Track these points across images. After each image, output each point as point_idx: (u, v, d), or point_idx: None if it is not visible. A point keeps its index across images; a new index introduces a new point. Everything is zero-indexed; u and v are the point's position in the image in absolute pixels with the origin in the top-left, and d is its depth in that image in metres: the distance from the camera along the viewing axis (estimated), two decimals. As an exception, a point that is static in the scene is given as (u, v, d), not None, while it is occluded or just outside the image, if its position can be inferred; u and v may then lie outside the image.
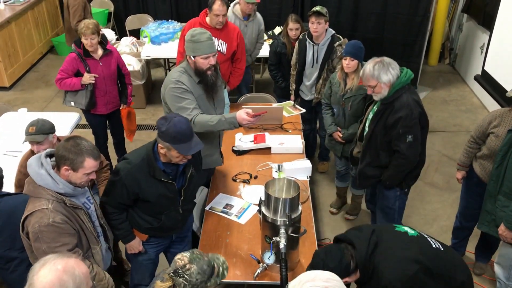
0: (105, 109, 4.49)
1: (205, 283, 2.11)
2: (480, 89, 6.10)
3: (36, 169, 2.37)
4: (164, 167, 2.73)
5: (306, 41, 4.37)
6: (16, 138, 4.18)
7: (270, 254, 2.77)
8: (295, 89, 4.70)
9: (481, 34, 6.43)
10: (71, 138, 2.43)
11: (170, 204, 2.84)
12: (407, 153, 3.19)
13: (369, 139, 3.34)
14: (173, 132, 2.56)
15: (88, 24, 4.09)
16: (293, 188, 2.83)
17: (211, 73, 3.16)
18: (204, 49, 3.08)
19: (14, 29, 6.85)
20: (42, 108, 6.23)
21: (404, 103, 3.11)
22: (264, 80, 7.02)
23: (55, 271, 1.65)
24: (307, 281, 1.43)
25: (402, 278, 2.16)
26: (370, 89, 3.19)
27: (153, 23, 6.69)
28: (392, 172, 3.33)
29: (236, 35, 4.55)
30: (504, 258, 3.15)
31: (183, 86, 3.13)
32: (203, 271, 2.10)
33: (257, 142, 4.04)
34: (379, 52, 6.43)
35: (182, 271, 2.08)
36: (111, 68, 4.37)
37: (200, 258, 2.13)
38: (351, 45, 3.74)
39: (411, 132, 3.13)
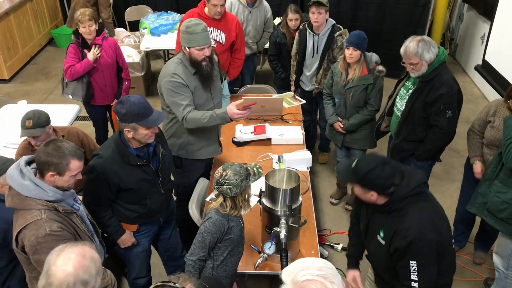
0: (106, 100, 4.48)
1: (246, 181, 2.48)
2: (481, 79, 6.09)
3: (19, 181, 2.25)
4: (136, 152, 2.76)
5: (306, 31, 4.36)
6: (16, 130, 4.16)
7: (271, 244, 2.78)
8: (295, 80, 4.68)
9: (481, 24, 6.40)
10: (50, 142, 2.34)
11: (151, 186, 2.86)
12: (446, 127, 3.36)
13: (407, 115, 3.46)
14: (135, 110, 2.59)
15: (85, 11, 4.07)
16: (293, 178, 2.84)
17: (206, 64, 3.19)
18: (199, 41, 3.10)
19: (13, 21, 6.81)
20: (42, 100, 6.22)
21: (444, 80, 3.26)
22: (264, 71, 7.00)
23: (74, 259, 1.62)
24: (302, 269, 1.41)
25: (420, 236, 2.17)
26: (410, 67, 3.29)
27: (152, 15, 6.65)
28: (430, 146, 3.47)
29: (235, 25, 4.52)
30: (503, 248, 3.16)
31: (178, 79, 3.15)
32: (238, 171, 2.45)
33: (257, 133, 4.04)
34: (379, 42, 6.49)
35: (222, 179, 2.44)
36: (108, 58, 4.33)
37: (232, 164, 2.51)
38: (355, 35, 3.72)
39: (451, 108, 3.29)
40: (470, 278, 3.71)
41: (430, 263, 2.23)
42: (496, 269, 3.26)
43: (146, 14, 6.87)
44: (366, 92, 3.83)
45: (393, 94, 3.71)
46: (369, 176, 2.22)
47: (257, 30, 5.08)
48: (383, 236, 2.34)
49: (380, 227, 2.36)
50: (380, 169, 2.21)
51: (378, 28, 6.55)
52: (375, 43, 6.48)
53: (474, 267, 3.80)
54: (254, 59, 5.37)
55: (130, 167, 2.73)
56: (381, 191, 2.25)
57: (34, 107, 4.59)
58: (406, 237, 2.19)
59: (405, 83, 3.57)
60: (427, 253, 2.20)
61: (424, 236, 2.18)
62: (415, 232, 2.18)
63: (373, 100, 3.86)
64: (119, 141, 2.72)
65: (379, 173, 2.21)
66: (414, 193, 2.25)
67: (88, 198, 2.79)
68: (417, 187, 2.26)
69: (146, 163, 2.79)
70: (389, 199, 2.26)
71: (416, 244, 2.18)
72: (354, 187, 2.37)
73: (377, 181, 2.21)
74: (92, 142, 3.52)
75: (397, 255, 2.26)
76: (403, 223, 2.22)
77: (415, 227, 2.19)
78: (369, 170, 2.21)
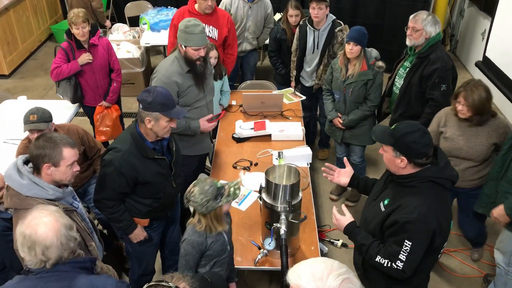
0: (98, 100, 4.44)
1: (214, 201, 2.38)
2: (481, 75, 6.05)
3: (18, 180, 2.24)
4: (153, 146, 2.78)
5: (307, 27, 4.35)
6: (16, 126, 4.17)
7: (271, 240, 2.78)
8: (296, 76, 4.67)
9: (482, 20, 6.38)
10: (40, 136, 2.34)
11: (165, 180, 2.88)
12: (441, 100, 3.52)
13: (404, 90, 3.68)
14: (162, 99, 2.63)
15: (78, 13, 3.99)
16: (293, 174, 2.83)
17: (200, 64, 3.26)
18: (196, 41, 3.16)
19: (13, 16, 6.80)
20: (41, 96, 6.21)
21: (439, 56, 3.51)
22: (264, 67, 6.99)
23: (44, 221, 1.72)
24: (329, 273, 1.35)
25: (424, 218, 2.18)
26: (411, 31, 3.54)
27: (152, 10, 6.64)
28: (425, 120, 3.56)
29: (227, 21, 4.52)
30: (504, 244, 3.16)
31: (169, 80, 3.21)
32: (205, 191, 2.36)
33: (257, 129, 4.03)
34: (379, 38, 6.48)
35: (188, 194, 2.40)
36: (101, 59, 4.26)
37: (204, 181, 2.42)
38: (356, 30, 3.72)
39: (445, 82, 3.51)
40: (469, 274, 3.72)
41: (421, 248, 2.23)
42: (497, 265, 3.26)
43: (146, 10, 6.86)
44: (365, 88, 3.83)
45: (392, 75, 3.89)
46: (407, 139, 2.21)
47: (257, 25, 5.06)
48: (386, 204, 2.35)
49: (388, 196, 2.37)
50: (420, 135, 2.21)
51: (378, 24, 6.53)
52: (375, 39, 6.47)
53: (473, 264, 3.81)
54: (254, 55, 5.36)
55: (147, 161, 2.74)
56: (412, 158, 2.23)
57: (34, 102, 4.61)
58: (411, 213, 2.19)
59: (403, 63, 3.77)
60: (423, 237, 2.21)
61: (427, 219, 2.19)
62: (421, 213, 2.18)
63: (373, 96, 3.86)
64: (136, 135, 2.73)
65: (418, 137, 2.20)
66: (440, 183, 2.25)
67: (103, 193, 2.77)
68: (445, 179, 2.26)
69: (161, 156, 2.81)
70: (414, 173, 2.26)
71: (416, 224, 2.18)
72: (385, 151, 2.34)
73: (413, 145, 2.20)
74: (92, 139, 3.53)
75: (394, 229, 2.25)
76: (412, 200, 2.22)
77: (422, 208, 2.19)
78: (409, 132, 2.21)
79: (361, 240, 2.41)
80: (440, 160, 2.29)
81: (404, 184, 2.29)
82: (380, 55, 3.89)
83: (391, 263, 2.26)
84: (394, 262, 2.25)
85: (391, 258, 2.26)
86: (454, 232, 4.11)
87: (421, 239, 2.21)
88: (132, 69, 6.03)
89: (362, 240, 2.40)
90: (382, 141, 2.34)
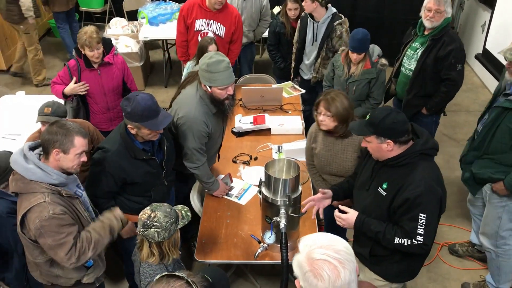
0: (108, 126, 3.95)
1: (175, 224, 2.25)
2: (481, 68, 6.06)
3: (23, 165, 2.26)
4: (142, 146, 2.74)
5: (307, 19, 4.33)
6: (14, 121, 4.17)
7: (271, 234, 2.78)
8: (295, 67, 4.65)
9: (482, 12, 6.35)
10: (55, 122, 2.36)
11: (156, 179, 2.86)
12: (457, 79, 3.67)
13: (418, 72, 3.73)
14: (140, 110, 2.53)
15: (91, 34, 3.54)
16: (293, 168, 2.83)
17: (228, 103, 2.94)
18: (222, 80, 2.81)
19: (10, 11, 6.74)
20: (40, 91, 6.18)
21: (452, 37, 3.63)
22: (263, 60, 6.97)
23: None
24: (320, 247, 1.42)
25: (430, 188, 2.27)
26: (434, 13, 3.56)
27: (150, 4, 6.60)
28: (441, 98, 3.78)
29: (235, 18, 4.49)
30: (489, 226, 3.21)
31: (205, 129, 2.99)
32: (168, 213, 2.23)
33: (257, 123, 4.02)
34: (379, 31, 6.44)
35: (150, 221, 2.20)
36: (114, 80, 3.83)
37: (160, 205, 2.27)
38: (358, 40, 3.61)
39: (461, 62, 3.63)
40: (469, 267, 3.73)
41: (435, 218, 2.32)
42: (487, 250, 3.29)
43: (144, 4, 6.81)
44: (369, 86, 3.81)
45: (399, 56, 3.93)
46: (386, 121, 2.28)
47: (252, 18, 5.03)
48: (386, 188, 2.39)
49: (385, 180, 2.41)
50: (396, 114, 2.31)
51: (378, 17, 6.50)
52: (376, 32, 6.43)
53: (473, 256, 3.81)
54: (251, 48, 5.33)
55: (136, 161, 2.72)
56: (397, 138, 2.30)
57: (32, 98, 4.60)
58: (419, 187, 2.26)
59: (411, 44, 3.83)
60: (435, 206, 2.30)
61: (434, 189, 2.28)
62: (427, 184, 2.26)
63: (376, 94, 3.83)
64: (125, 135, 2.70)
65: (395, 116, 2.29)
66: (427, 153, 2.36)
67: (91, 191, 2.77)
68: (431, 149, 2.36)
69: (151, 157, 2.78)
70: (404, 152, 2.33)
71: (426, 196, 2.25)
72: (369, 141, 2.39)
73: (394, 126, 2.28)
74: (101, 137, 3.50)
75: (406, 207, 2.30)
76: (414, 175, 2.30)
77: (426, 179, 2.28)
78: (386, 116, 2.29)
79: (376, 228, 2.43)
80: (421, 134, 2.39)
81: (398, 165, 2.36)
82: (381, 48, 3.87)
83: (411, 240, 2.31)
84: (414, 238, 2.30)
85: (410, 235, 2.32)
86: (453, 225, 4.12)
87: (432, 209, 2.29)
88: (131, 64, 6.00)
89: (376, 228, 2.43)
90: (363, 134, 2.39)
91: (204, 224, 3.11)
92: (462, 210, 4.26)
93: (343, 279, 1.37)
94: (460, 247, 3.81)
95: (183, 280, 1.59)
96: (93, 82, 3.76)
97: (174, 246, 2.30)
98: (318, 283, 1.37)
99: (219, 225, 3.10)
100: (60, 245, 2.29)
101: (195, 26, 4.45)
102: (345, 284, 1.38)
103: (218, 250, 2.92)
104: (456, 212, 4.25)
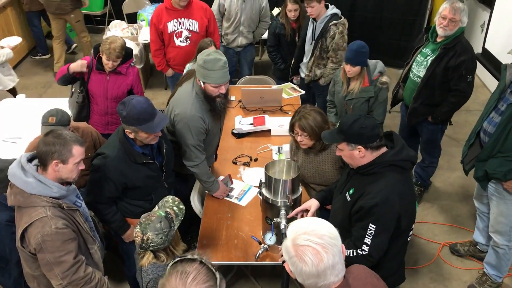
0: (104, 129, 3.97)
1: (171, 230, 2.29)
2: (481, 67, 6.06)
3: (22, 178, 2.22)
4: (142, 150, 2.74)
5: (310, 18, 4.35)
6: (15, 124, 4.18)
7: (271, 235, 2.78)
8: (293, 65, 4.66)
9: (481, 12, 6.36)
10: (49, 133, 2.32)
11: (156, 182, 2.87)
12: (467, 91, 3.61)
13: (427, 80, 3.64)
14: (135, 114, 2.54)
15: (115, 48, 3.57)
16: (293, 169, 2.83)
17: (220, 100, 2.98)
18: (216, 79, 2.86)
19: (10, 14, 6.76)
20: (40, 94, 6.20)
21: (465, 47, 3.51)
22: (263, 62, 6.97)
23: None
24: (304, 233, 1.51)
25: (387, 201, 2.19)
26: (448, 22, 3.43)
27: (150, 6, 6.62)
28: (448, 108, 3.71)
29: (205, 11, 4.53)
30: (502, 224, 3.19)
31: (202, 125, 3.00)
32: (159, 228, 2.25)
33: (257, 124, 4.03)
34: (378, 31, 6.45)
35: (145, 244, 2.25)
36: (119, 89, 3.83)
37: (148, 222, 2.26)
38: (353, 51, 3.49)
39: (472, 73, 3.56)
40: (470, 267, 3.73)
41: (386, 231, 2.24)
42: (499, 247, 3.27)
43: (143, 6, 6.83)
44: (367, 104, 3.64)
45: (409, 61, 3.84)
46: (355, 127, 2.24)
47: (252, 19, 5.03)
48: (351, 193, 2.36)
49: (352, 186, 2.39)
50: (364, 119, 2.26)
51: (377, 17, 6.48)
52: (375, 32, 6.45)
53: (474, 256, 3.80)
54: (251, 50, 5.33)
55: (136, 166, 2.72)
56: (367, 143, 2.25)
57: (33, 100, 4.60)
58: (375, 198, 2.21)
59: (422, 50, 3.73)
60: (388, 220, 2.22)
61: (390, 202, 2.20)
62: (383, 196, 2.20)
63: (376, 114, 3.63)
64: (124, 139, 2.69)
65: (363, 121, 2.24)
66: (398, 165, 2.27)
67: (92, 197, 2.76)
68: (403, 161, 2.28)
69: (151, 160, 2.78)
70: (373, 161, 2.28)
71: (381, 208, 2.19)
72: (341, 149, 2.36)
73: (362, 131, 2.23)
74: (103, 141, 3.49)
75: (359, 215, 2.26)
76: (375, 186, 2.25)
77: (385, 191, 2.21)
78: (354, 121, 2.25)
79: None
80: (396, 144, 2.32)
81: (366, 173, 2.32)
82: (380, 48, 3.85)
83: (357, 249, 2.27)
84: (360, 247, 2.25)
85: (357, 244, 2.28)
86: (454, 225, 4.12)
87: (385, 222, 2.22)
88: (130, 66, 6.01)
89: None
90: (334, 141, 2.38)
91: (204, 225, 3.12)
92: (462, 209, 4.27)
93: (326, 263, 1.49)
94: (461, 247, 3.81)
95: (196, 262, 1.56)
96: (99, 84, 3.79)
97: (176, 244, 2.35)
98: (303, 267, 1.50)
99: (220, 227, 3.10)
100: (58, 262, 2.26)
101: (168, 28, 4.49)
102: (329, 267, 1.50)
103: (218, 251, 2.92)
104: (456, 212, 4.25)
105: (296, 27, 4.73)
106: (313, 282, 1.53)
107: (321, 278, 1.52)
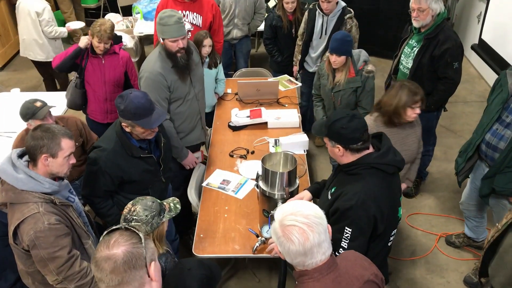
0: (104, 118, 3.98)
1: (158, 217, 2.20)
2: (477, 58, 6.05)
3: (13, 174, 2.19)
4: (139, 144, 2.73)
5: (316, 11, 4.29)
6: (10, 118, 4.14)
7: (268, 227, 2.78)
8: (300, 60, 4.62)
9: (477, 3, 6.34)
10: (38, 127, 2.29)
11: (153, 176, 2.86)
12: (455, 77, 3.62)
13: (415, 71, 3.68)
14: (132, 109, 2.52)
15: (106, 28, 3.60)
16: (290, 162, 2.82)
17: (180, 56, 3.10)
18: (172, 32, 3.01)
19: (3, 8, 6.71)
20: (35, 88, 6.16)
21: (448, 35, 3.52)
22: (259, 54, 6.95)
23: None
24: (291, 213, 1.57)
25: (362, 204, 2.13)
26: (417, 13, 3.48)
27: (145, -1, 6.57)
28: (439, 96, 3.74)
29: (211, 6, 4.47)
30: None
31: (156, 78, 3.09)
32: (149, 206, 2.19)
33: (253, 117, 4.01)
34: (375, 23, 6.43)
35: (130, 215, 2.17)
36: (116, 71, 3.87)
37: (143, 198, 2.23)
38: (337, 40, 3.44)
39: (457, 60, 3.56)
40: (467, 258, 3.74)
41: (362, 235, 2.18)
42: None
43: (138, -1, 6.78)
44: (355, 95, 3.63)
45: (398, 53, 3.88)
46: (336, 126, 2.20)
47: (247, 11, 4.99)
48: (332, 192, 2.32)
49: (335, 184, 2.35)
50: (348, 120, 2.18)
51: (374, 8, 6.47)
52: (372, 24, 6.43)
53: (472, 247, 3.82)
54: (247, 42, 5.29)
55: (133, 159, 2.71)
56: (346, 144, 2.20)
57: (28, 95, 4.57)
58: (350, 200, 2.15)
59: (408, 41, 3.77)
60: (364, 223, 2.15)
61: (366, 206, 2.13)
62: (359, 199, 2.13)
63: (364, 103, 3.65)
64: (121, 133, 2.67)
65: (345, 123, 2.17)
66: (381, 169, 2.20)
67: (88, 190, 2.75)
68: (386, 165, 2.20)
69: (148, 154, 2.77)
70: (355, 161, 2.22)
71: (356, 211, 2.13)
72: (326, 143, 2.32)
73: (342, 131, 2.18)
74: (89, 131, 3.48)
75: (336, 217, 2.20)
76: (353, 187, 2.18)
77: (360, 194, 2.14)
78: (337, 120, 2.20)
79: None
80: (383, 146, 2.26)
81: (348, 172, 2.26)
82: (377, 40, 3.83)
83: (335, 252, 2.16)
84: (337, 251, 2.19)
85: (333, 247, 2.21)
86: (451, 216, 4.13)
87: (361, 225, 2.16)
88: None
89: None
90: (319, 134, 2.35)
91: (201, 218, 3.11)
92: (458, 201, 4.27)
93: (312, 241, 1.54)
94: (456, 238, 3.82)
95: (120, 229, 1.49)
96: (95, 69, 3.80)
97: (159, 239, 2.25)
98: (290, 246, 1.55)
99: (217, 220, 3.10)
100: (53, 258, 2.23)
101: None
102: (315, 245, 1.55)
103: (216, 245, 2.91)
104: (453, 203, 4.26)
105: (293, 19, 4.69)
106: (301, 260, 1.58)
107: (308, 256, 1.57)
